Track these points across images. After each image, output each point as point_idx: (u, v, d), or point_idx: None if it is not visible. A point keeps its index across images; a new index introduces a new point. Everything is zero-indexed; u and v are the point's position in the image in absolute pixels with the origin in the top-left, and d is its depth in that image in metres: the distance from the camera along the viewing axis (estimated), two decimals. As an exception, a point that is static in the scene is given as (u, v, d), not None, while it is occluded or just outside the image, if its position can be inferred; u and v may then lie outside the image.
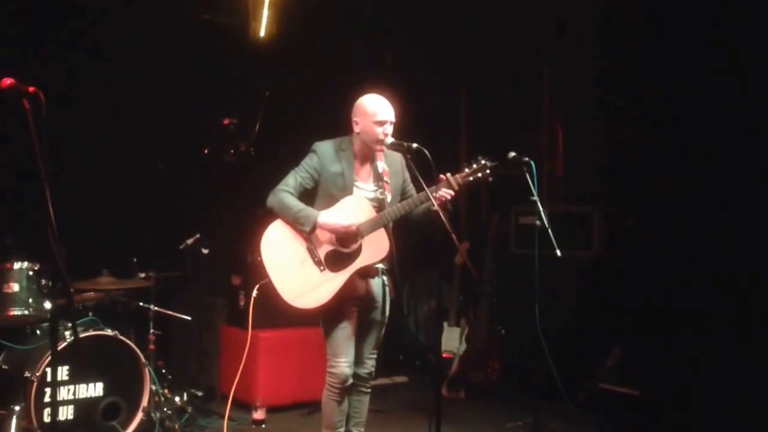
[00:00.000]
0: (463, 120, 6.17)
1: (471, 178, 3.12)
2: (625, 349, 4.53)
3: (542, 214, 3.46)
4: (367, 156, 3.26)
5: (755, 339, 3.92)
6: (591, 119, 5.12)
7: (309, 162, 3.24)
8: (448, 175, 3.09)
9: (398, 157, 3.28)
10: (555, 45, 5.23)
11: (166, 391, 4.17)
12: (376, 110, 3.16)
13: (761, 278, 3.94)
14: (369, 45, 5.79)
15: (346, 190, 3.20)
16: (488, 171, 3.11)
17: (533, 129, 5.63)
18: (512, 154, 3.48)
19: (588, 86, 5.13)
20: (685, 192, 4.39)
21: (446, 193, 3.06)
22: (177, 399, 4.25)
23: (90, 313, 3.98)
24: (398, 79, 5.40)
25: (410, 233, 3.40)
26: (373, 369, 3.36)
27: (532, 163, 3.46)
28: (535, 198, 3.44)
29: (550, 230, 3.42)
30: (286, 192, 3.18)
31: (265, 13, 5.45)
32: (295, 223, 3.15)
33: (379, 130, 3.15)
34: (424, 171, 3.08)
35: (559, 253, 3.37)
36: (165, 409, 4.02)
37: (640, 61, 4.71)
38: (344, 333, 3.17)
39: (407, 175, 3.32)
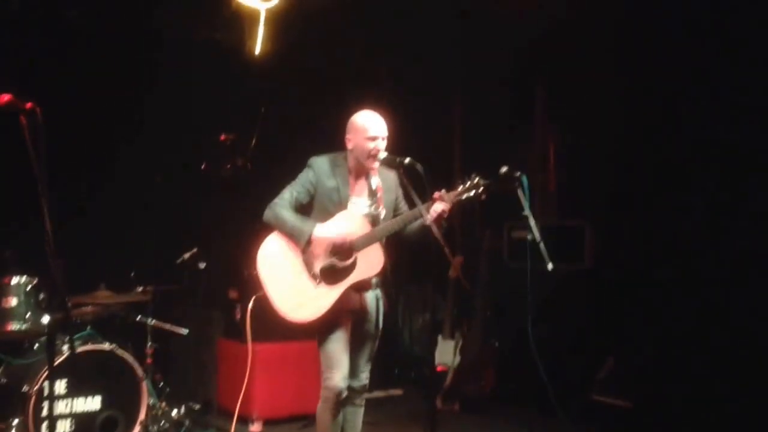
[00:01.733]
0: (456, 134, 6.24)
1: (464, 196, 3.16)
2: (618, 361, 4.57)
3: (534, 227, 3.51)
4: (362, 171, 3.31)
5: (748, 351, 3.97)
6: (583, 133, 5.18)
7: (305, 177, 3.29)
8: (442, 191, 3.14)
9: (392, 174, 3.33)
10: (548, 59, 5.30)
11: (163, 404, 4.20)
12: (367, 126, 3.22)
13: (754, 290, 3.99)
14: (364, 61, 5.86)
15: (341, 204, 3.24)
16: (481, 189, 3.16)
17: (526, 143, 5.70)
18: (504, 168, 3.52)
19: (581, 100, 5.20)
20: (676, 205, 4.45)
21: (441, 206, 3.10)
22: (174, 412, 4.27)
23: (88, 327, 4.02)
24: (393, 94, 5.47)
25: (405, 247, 3.45)
26: (367, 381, 3.39)
27: (524, 177, 3.50)
28: (527, 212, 3.48)
29: (541, 244, 3.47)
30: (282, 206, 3.22)
31: (261, 30, 5.52)
32: (292, 235, 3.19)
33: (371, 145, 3.19)
34: (417, 185, 3.14)
35: (550, 266, 3.42)
36: (162, 423, 4.05)
37: (633, 75, 4.78)
38: (339, 346, 3.20)
39: (401, 191, 3.36)
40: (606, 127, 5.00)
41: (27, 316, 3.83)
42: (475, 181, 3.17)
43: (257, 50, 5.57)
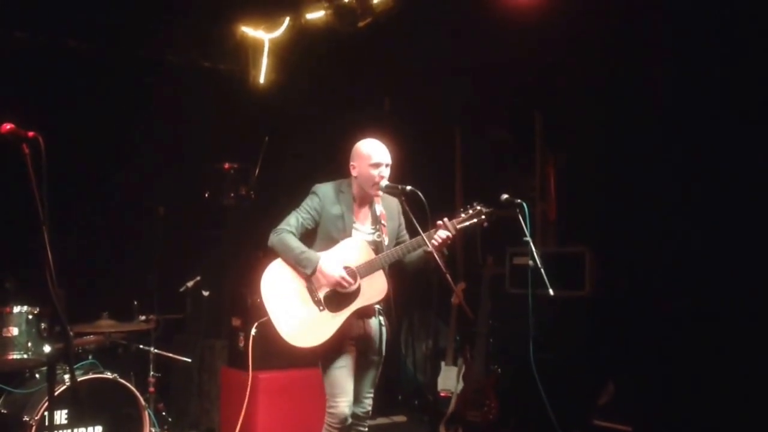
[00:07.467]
0: (458, 164, 6.29)
1: (467, 224, 3.21)
2: (618, 386, 4.57)
3: (535, 254, 3.53)
4: (366, 199, 3.35)
5: (746, 374, 3.97)
6: (582, 162, 5.23)
7: (310, 203, 3.33)
8: (445, 219, 3.18)
9: (395, 202, 3.37)
10: (546, 90, 5.37)
11: (165, 433, 4.18)
12: (370, 153, 3.27)
13: (752, 313, 4.00)
14: (367, 91, 5.93)
15: (346, 231, 3.28)
16: (483, 217, 3.21)
17: (526, 172, 5.75)
18: (505, 196, 3.55)
19: (579, 130, 5.26)
20: (675, 232, 4.48)
21: (443, 236, 3.14)
22: (177, 441, 4.25)
23: (90, 357, 4.01)
24: (395, 124, 5.53)
25: (407, 275, 3.47)
26: (370, 408, 3.39)
27: (525, 204, 3.54)
28: (528, 239, 3.51)
29: (542, 270, 3.49)
30: (288, 232, 3.25)
31: (265, 61, 5.61)
32: (297, 264, 3.21)
33: (375, 172, 3.24)
34: (419, 213, 3.18)
35: (551, 292, 3.44)
36: (164, 452, 4.02)
37: (630, 105, 4.84)
38: (343, 372, 3.21)
39: (402, 219, 3.40)
40: (604, 155, 5.04)
41: (28, 345, 3.82)
42: (477, 209, 3.22)
43: (261, 80, 5.66)
